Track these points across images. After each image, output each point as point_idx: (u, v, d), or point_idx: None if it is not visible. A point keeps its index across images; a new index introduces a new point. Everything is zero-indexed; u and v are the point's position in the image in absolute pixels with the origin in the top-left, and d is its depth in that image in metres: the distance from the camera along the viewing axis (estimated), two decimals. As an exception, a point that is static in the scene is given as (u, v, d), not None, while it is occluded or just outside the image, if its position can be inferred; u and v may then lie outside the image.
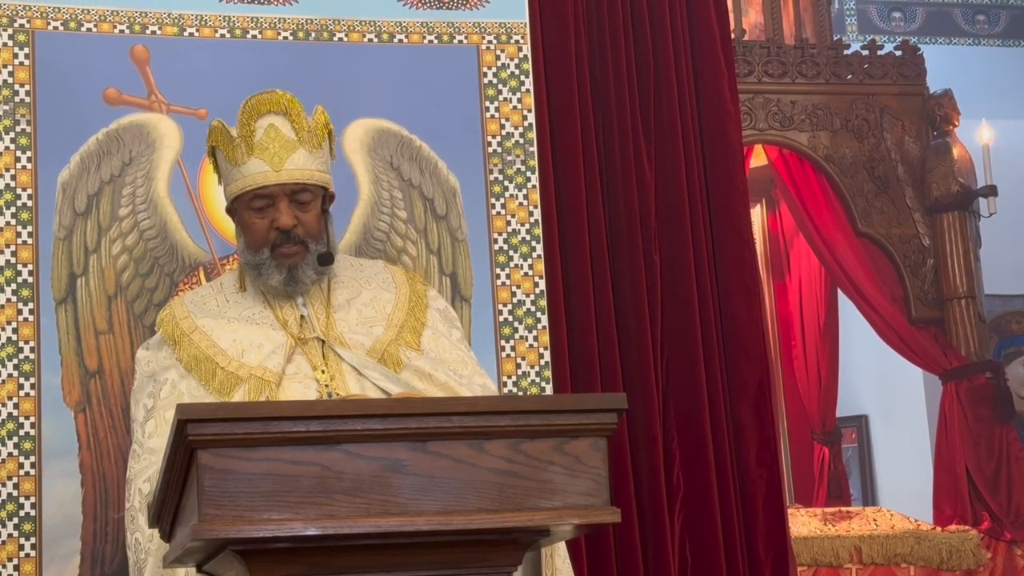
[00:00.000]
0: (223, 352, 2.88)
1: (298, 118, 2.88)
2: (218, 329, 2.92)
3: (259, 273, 2.91)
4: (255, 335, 2.90)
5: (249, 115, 2.87)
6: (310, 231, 2.88)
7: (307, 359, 2.88)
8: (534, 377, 3.89)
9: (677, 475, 4.22)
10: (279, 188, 2.85)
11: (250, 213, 2.88)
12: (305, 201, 2.87)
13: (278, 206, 2.86)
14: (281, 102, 2.88)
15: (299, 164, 2.85)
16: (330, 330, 2.91)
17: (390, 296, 3.01)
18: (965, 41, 9.13)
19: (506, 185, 3.98)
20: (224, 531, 2.07)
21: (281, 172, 2.84)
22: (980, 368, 7.23)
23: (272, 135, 2.85)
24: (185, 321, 2.95)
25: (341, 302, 2.97)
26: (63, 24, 3.74)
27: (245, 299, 2.97)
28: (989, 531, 6.87)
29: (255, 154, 2.85)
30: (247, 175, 2.86)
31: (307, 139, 2.86)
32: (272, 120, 2.86)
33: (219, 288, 3.04)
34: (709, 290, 4.33)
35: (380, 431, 2.13)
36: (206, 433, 2.08)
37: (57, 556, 3.51)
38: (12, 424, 3.53)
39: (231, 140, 2.87)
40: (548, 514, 2.18)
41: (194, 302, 3.01)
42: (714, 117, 4.44)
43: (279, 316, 2.93)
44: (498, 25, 4.05)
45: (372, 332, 2.93)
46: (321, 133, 2.91)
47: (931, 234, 7.31)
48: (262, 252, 2.89)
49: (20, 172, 3.65)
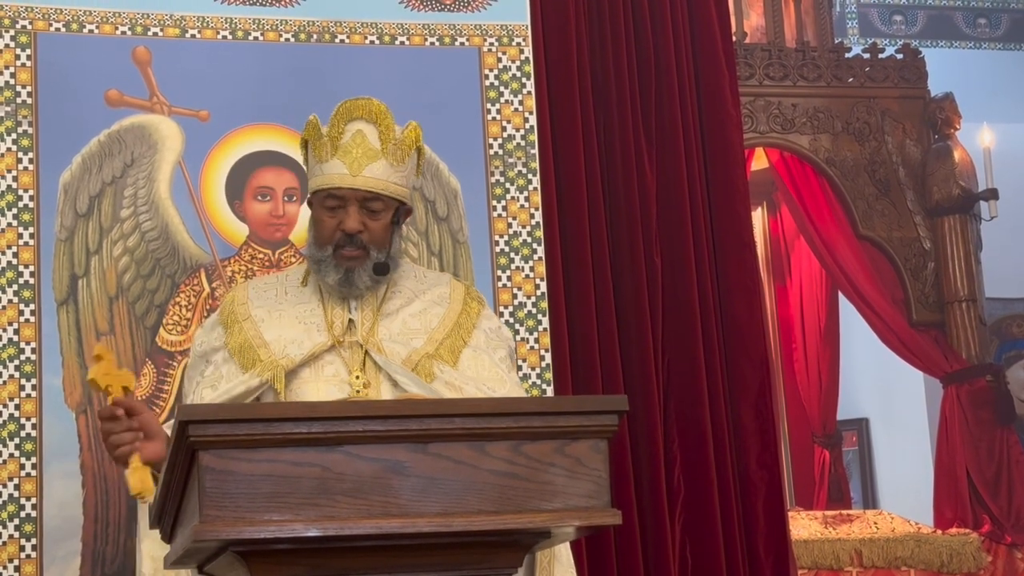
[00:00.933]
0: (266, 345, 2.93)
1: (387, 129, 2.92)
2: (268, 321, 2.97)
3: (319, 269, 2.96)
4: (298, 332, 2.94)
5: (341, 117, 2.92)
6: (375, 239, 2.91)
7: (344, 363, 2.91)
8: (535, 379, 3.89)
9: (678, 477, 4.23)
10: (352, 192, 2.88)
11: (322, 211, 2.92)
12: (376, 210, 2.90)
13: (348, 209, 2.89)
14: (373, 110, 2.92)
15: (376, 173, 2.89)
16: (372, 336, 2.94)
17: (440, 311, 3.03)
18: (966, 44, 9.14)
19: (507, 187, 3.98)
20: (225, 532, 2.07)
21: (357, 178, 2.88)
22: (981, 371, 7.24)
23: (358, 140, 2.89)
24: (242, 307, 3.00)
25: (392, 310, 3.00)
26: (65, 26, 3.74)
27: (303, 294, 3.01)
28: (990, 534, 6.88)
29: (338, 155, 2.89)
30: (326, 174, 2.90)
31: (391, 151, 2.91)
32: (361, 126, 2.91)
33: (284, 279, 3.09)
34: (710, 292, 4.33)
35: (381, 432, 2.13)
36: (207, 434, 2.08)
37: (57, 557, 3.52)
38: (13, 425, 3.54)
39: (320, 137, 2.92)
40: (549, 516, 2.17)
41: (256, 288, 3.06)
42: (715, 120, 4.44)
43: (328, 317, 2.97)
44: (499, 27, 4.05)
45: (411, 344, 2.95)
46: (408, 148, 2.94)
47: (932, 237, 7.31)
48: (325, 249, 2.93)
49: (22, 173, 3.66)
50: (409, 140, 2.95)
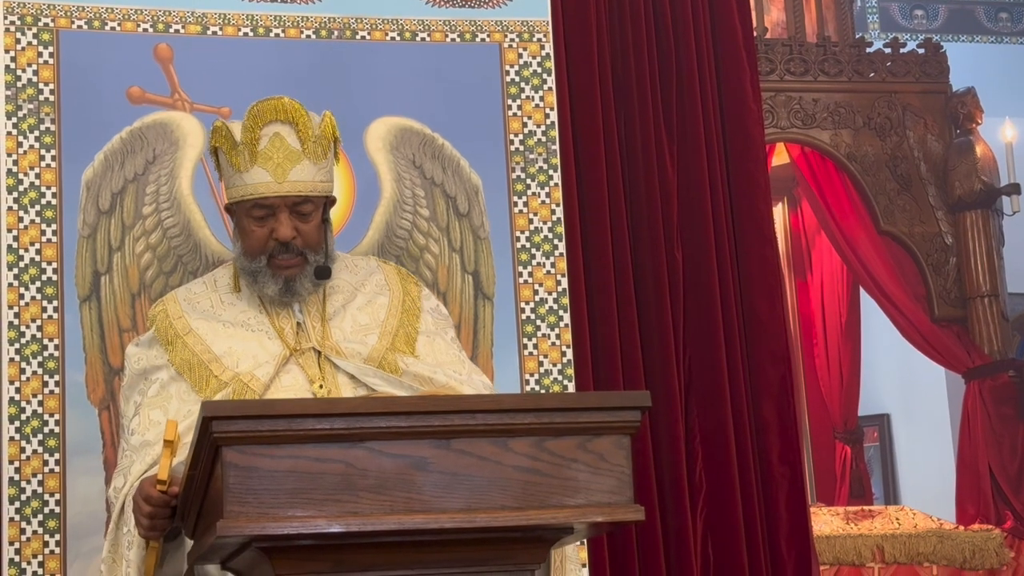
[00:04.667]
0: (218, 360, 2.85)
1: (304, 128, 2.83)
2: (212, 334, 2.88)
3: (255, 280, 2.88)
4: (251, 344, 2.86)
5: (255, 121, 2.83)
6: (309, 242, 2.85)
7: (303, 371, 2.85)
8: (556, 375, 3.89)
9: (699, 473, 4.22)
10: (280, 200, 2.81)
11: (249, 221, 2.84)
12: (306, 212, 2.83)
13: (278, 217, 2.81)
14: (288, 110, 2.83)
15: (302, 176, 2.81)
16: (326, 340, 2.88)
17: (384, 301, 2.98)
18: (988, 39, 9.09)
19: (528, 183, 3.98)
20: (249, 528, 2.08)
21: (283, 184, 2.80)
22: (1003, 367, 7.21)
23: (277, 144, 2.81)
24: (179, 321, 2.91)
25: (336, 308, 2.94)
26: (87, 23, 3.75)
27: (240, 301, 2.93)
28: (1012, 530, 6.85)
29: (258, 163, 2.80)
30: (249, 183, 2.82)
31: (312, 149, 2.83)
32: (277, 128, 2.82)
33: (213, 286, 2.99)
34: (731, 288, 4.33)
35: (404, 428, 2.13)
36: (231, 431, 2.08)
37: (81, 553, 3.52)
38: (37, 421, 3.55)
39: (235, 144, 2.83)
40: (572, 512, 2.18)
41: (188, 300, 2.96)
42: (736, 115, 4.43)
43: (275, 324, 2.89)
44: (520, 23, 4.05)
45: (367, 341, 2.90)
46: (327, 141, 2.87)
47: (954, 232, 7.28)
48: (259, 260, 2.85)
49: (44, 170, 3.67)
50: (327, 133, 2.87)
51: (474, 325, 3.86)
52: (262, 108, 2.84)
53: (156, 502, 2.58)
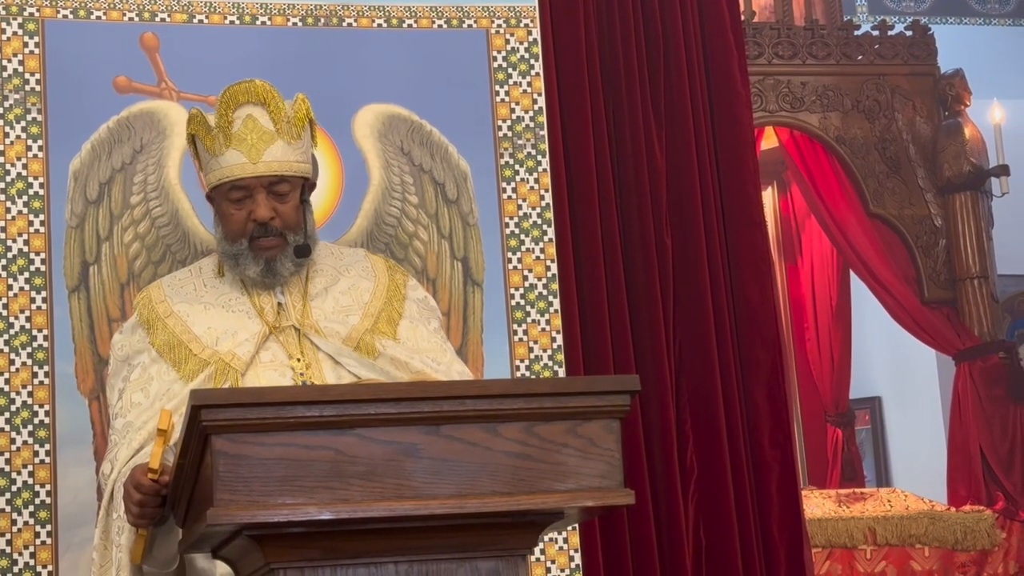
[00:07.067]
0: (197, 339, 2.87)
1: (276, 109, 2.85)
2: (193, 315, 2.91)
3: (236, 263, 2.90)
4: (230, 323, 2.88)
5: (227, 105, 2.85)
6: (288, 223, 2.87)
7: (283, 347, 2.87)
8: (546, 360, 3.89)
9: (690, 457, 4.23)
10: (256, 180, 2.83)
11: (228, 204, 2.87)
12: (283, 192, 2.86)
13: (255, 198, 2.84)
14: (259, 92, 2.85)
15: (277, 156, 2.84)
16: (306, 319, 2.90)
17: (369, 285, 3.00)
18: (976, 21, 9.09)
19: (517, 169, 3.97)
20: (239, 516, 2.08)
21: (258, 164, 2.83)
22: (993, 348, 7.23)
23: (250, 126, 2.83)
24: (161, 305, 2.94)
25: (319, 290, 2.96)
26: (72, 12, 3.74)
27: (223, 284, 2.96)
28: (1003, 511, 6.87)
29: (232, 145, 2.83)
30: (224, 166, 2.85)
31: (285, 130, 2.85)
32: (250, 111, 2.84)
33: (197, 272, 3.03)
34: (721, 272, 4.33)
35: (394, 415, 2.13)
36: (220, 419, 2.08)
37: (72, 544, 3.52)
38: (27, 412, 3.54)
39: (209, 130, 2.86)
40: (562, 496, 2.18)
41: (171, 286, 3.00)
42: (724, 99, 4.43)
43: (256, 304, 2.92)
44: (507, 9, 4.04)
45: (348, 321, 2.92)
46: (301, 123, 2.88)
47: (943, 214, 7.29)
48: (240, 243, 2.88)
49: (31, 161, 3.66)
50: (301, 114, 2.89)
51: (464, 311, 3.86)
52: (234, 91, 2.87)
53: (146, 490, 2.58)
